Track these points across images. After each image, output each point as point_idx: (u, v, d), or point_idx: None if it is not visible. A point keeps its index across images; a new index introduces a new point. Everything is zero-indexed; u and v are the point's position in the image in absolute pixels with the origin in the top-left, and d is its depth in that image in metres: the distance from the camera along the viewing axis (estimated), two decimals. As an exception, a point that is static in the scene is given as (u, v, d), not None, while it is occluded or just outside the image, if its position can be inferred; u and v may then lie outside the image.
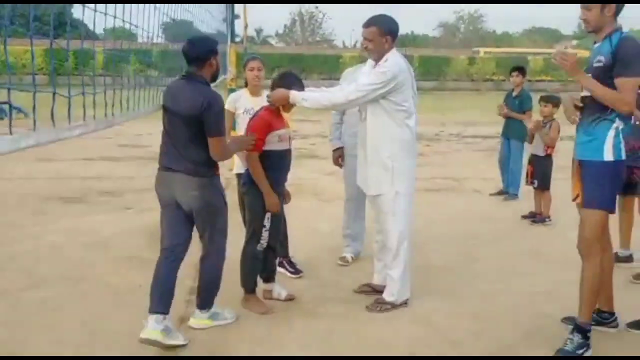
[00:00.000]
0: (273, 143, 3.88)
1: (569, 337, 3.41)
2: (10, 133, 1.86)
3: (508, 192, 7.60)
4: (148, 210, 6.73)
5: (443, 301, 4.18)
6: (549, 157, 6.43)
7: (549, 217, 6.40)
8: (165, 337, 3.34)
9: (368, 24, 3.93)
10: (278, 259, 4.40)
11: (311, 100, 3.89)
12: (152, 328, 3.34)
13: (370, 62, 4.11)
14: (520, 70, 7.62)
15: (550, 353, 3.41)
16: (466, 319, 3.88)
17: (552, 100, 6.44)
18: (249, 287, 4.00)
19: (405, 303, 4.07)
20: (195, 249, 3.72)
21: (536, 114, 7.29)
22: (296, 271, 4.56)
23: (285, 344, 3.49)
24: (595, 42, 3.45)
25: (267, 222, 3.91)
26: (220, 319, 3.70)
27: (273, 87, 4.00)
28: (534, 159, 6.49)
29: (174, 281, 3.55)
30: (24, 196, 7.38)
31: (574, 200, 3.58)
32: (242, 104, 4.46)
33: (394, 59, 3.89)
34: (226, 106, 4.27)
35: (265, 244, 3.95)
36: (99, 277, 4.54)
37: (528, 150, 6.87)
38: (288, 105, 3.96)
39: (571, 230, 5.88)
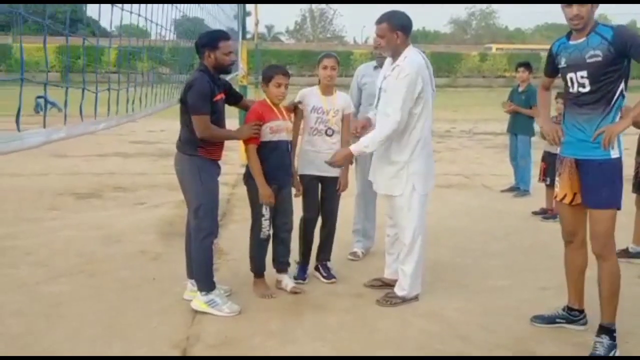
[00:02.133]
0: (265, 135, 4.04)
1: (598, 341, 3.32)
2: (44, 126, 1.95)
3: (519, 188, 7.60)
4: (160, 205, 6.82)
5: (453, 296, 4.21)
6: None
7: (558, 213, 6.38)
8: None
9: (379, 21, 3.95)
10: (316, 262, 4.53)
11: (371, 144, 3.94)
12: (190, 290, 3.99)
13: (388, 60, 4.11)
14: (527, 66, 7.61)
15: (560, 348, 3.43)
16: (476, 314, 3.91)
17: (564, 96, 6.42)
18: (256, 271, 4.22)
19: (416, 298, 4.10)
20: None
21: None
22: (329, 276, 4.46)
23: (296, 337, 3.54)
24: (569, 40, 3.37)
25: (265, 212, 4.07)
26: (217, 309, 3.78)
27: (262, 81, 4.19)
28: (547, 156, 6.45)
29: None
30: (39, 192, 7.48)
31: (561, 200, 3.50)
32: (311, 101, 4.32)
33: (411, 57, 3.89)
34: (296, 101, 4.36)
35: (267, 232, 4.12)
36: (113, 271, 4.61)
37: (536, 145, 6.85)
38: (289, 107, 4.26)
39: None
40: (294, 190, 4.35)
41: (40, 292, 4.20)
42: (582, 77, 3.31)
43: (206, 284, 3.83)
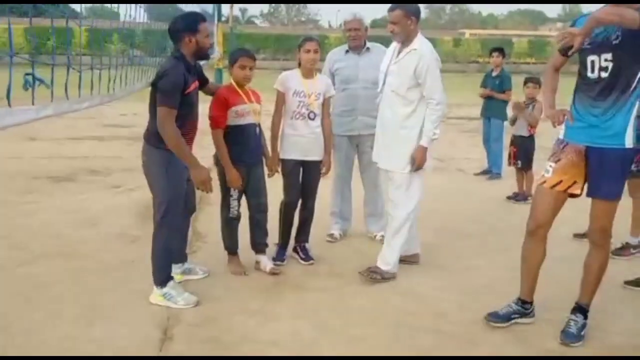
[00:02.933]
0: (231, 118, 4.09)
1: (572, 319, 3.40)
2: (33, 103, 1.96)
3: (491, 171, 7.76)
4: (136, 188, 6.79)
5: (429, 275, 4.32)
6: (531, 137, 6.57)
7: (531, 195, 6.54)
8: (185, 276, 4.01)
9: (393, 8, 4.11)
10: (294, 243, 4.59)
11: (433, 131, 4.12)
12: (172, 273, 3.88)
13: (394, 45, 4.29)
14: (500, 51, 7.77)
15: (530, 324, 3.56)
16: (451, 292, 4.02)
17: (538, 82, 6.56)
18: (228, 250, 4.33)
19: (393, 277, 4.20)
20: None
21: (518, 95, 7.43)
22: (307, 257, 4.53)
23: (276, 315, 3.61)
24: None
25: (233, 192, 4.19)
26: (172, 301, 3.66)
27: (229, 63, 4.18)
28: (517, 140, 6.62)
29: (181, 234, 4.04)
30: (12, 175, 7.38)
31: (553, 186, 3.37)
32: (292, 85, 4.35)
33: (426, 42, 4.16)
34: (276, 86, 4.37)
35: (235, 212, 4.24)
36: (92, 254, 4.61)
37: (509, 129, 6.99)
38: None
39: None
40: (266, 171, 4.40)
41: (18, 274, 4.19)
42: (605, 60, 3.14)
43: (161, 278, 3.71)
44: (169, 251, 3.74)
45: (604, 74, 3.17)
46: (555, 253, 4.85)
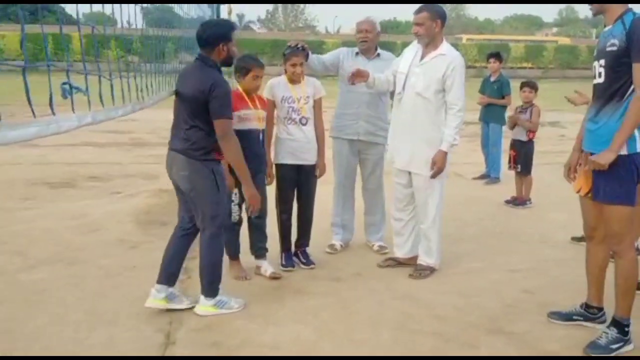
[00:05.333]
0: (234, 123, 4.04)
1: (605, 332, 3.31)
2: (73, 111, 1.97)
3: (490, 175, 7.80)
4: (136, 194, 6.83)
5: (429, 278, 4.35)
6: (530, 142, 6.58)
7: (529, 200, 6.58)
8: (168, 303, 3.66)
9: (419, 10, 4.21)
10: (294, 248, 4.61)
11: (454, 137, 4.22)
12: (153, 297, 3.67)
13: (414, 45, 4.37)
14: (497, 56, 7.83)
15: (530, 326, 3.59)
16: (451, 295, 4.05)
17: (534, 86, 6.61)
18: (230, 255, 4.33)
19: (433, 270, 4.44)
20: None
21: (516, 99, 7.48)
22: (308, 262, 4.55)
23: (278, 319, 3.63)
24: (605, 26, 3.26)
25: (234, 197, 4.22)
26: (226, 307, 3.68)
27: (236, 72, 4.20)
28: (516, 144, 6.64)
29: (180, 256, 3.78)
30: (10, 181, 7.40)
31: (577, 192, 3.46)
32: (279, 92, 4.38)
33: (451, 48, 4.28)
34: (264, 94, 4.39)
35: (236, 216, 4.27)
36: (93, 259, 4.63)
37: (507, 134, 7.03)
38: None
39: (551, 212, 6.16)
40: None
41: (19, 280, 4.21)
42: (600, 66, 3.21)
43: (215, 289, 3.69)
44: (222, 262, 3.75)
45: (598, 80, 3.25)
46: (553, 256, 4.92)
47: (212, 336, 3.40)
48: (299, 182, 4.51)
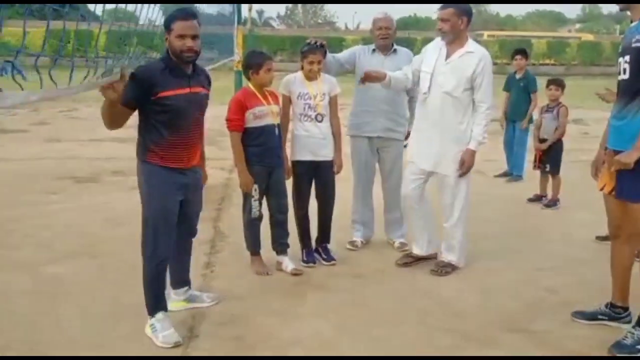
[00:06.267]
0: (249, 121, 4.16)
1: (630, 332, 3.26)
2: (22, 89, 1.96)
3: (512, 173, 7.73)
4: (159, 189, 6.89)
5: (448, 276, 4.34)
6: (559, 141, 6.46)
7: (558, 200, 6.49)
8: (189, 304, 3.71)
9: (445, 6, 4.18)
10: (314, 245, 4.64)
11: (483, 135, 4.25)
12: (174, 300, 3.68)
13: (437, 43, 4.35)
14: (523, 53, 7.72)
15: (552, 325, 3.57)
16: (471, 293, 4.04)
17: (560, 84, 6.49)
18: (251, 250, 4.39)
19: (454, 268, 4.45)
20: (201, 226, 3.81)
21: (541, 98, 7.41)
22: (329, 258, 4.57)
23: (298, 315, 3.66)
24: (631, 22, 3.22)
25: (254, 193, 4.23)
26: (154, 335, 3.30)
27: (246, 69, 4.23)
28: (544, 142, 6.52)
29: (180, 259, 3.68)
30: (35, 176, 7.52)
31: (601, 189, 3.45)
32: (296, 88, 4.40)
33: (475, 43, 4.24)
34: (280, 90, 4.43)
35: (257, 212, 4.28)
36: (117, 253, 4.70)
37: (533, 132, 6.94)
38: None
39: (574, 211, 6.10)
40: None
41: (45, 272, 4.29)
42: (625, 62, 3.17)
43: (150, 307, 3.37)
44: (157, 279, 3.37)
45: (623, 76, 3.22)
46: (577, 255, 4.88)
47: (233, 331, 3.44)
48: (316, 178, 4.52)
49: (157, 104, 3.17)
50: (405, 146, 4.84)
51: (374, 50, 4.86)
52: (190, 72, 3.27)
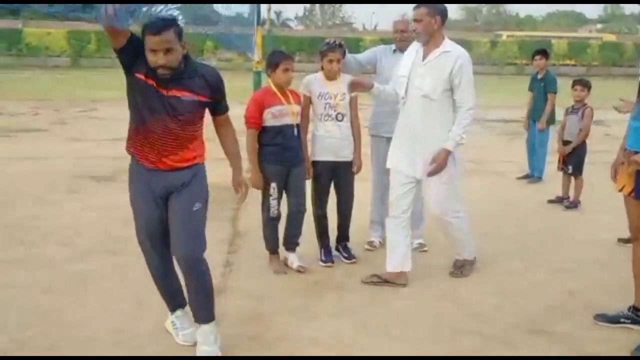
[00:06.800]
0: (267, 120, 4.18)
1: None
2: None
3: (533, 175, 7.66)
4: (178, 189, 6.94)
5: (468, 277, 4.32)
6: (583, 143, 6.37)
7: (579, 202, 6.39)
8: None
9: (418, 6, 4.04)
10: (335, 244, 4.66)
11: (463, 135, 4.05)
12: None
13: (414, 48, 4.17)
14: (543, 53, 7.63)
15: (572, 327, 3.54)
16: (491, 295, 4.02)
17: (586, 85, 6.39)
18: (269, 249, 4.41)
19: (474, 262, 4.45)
20: (219, 225, 3.82)
21: (564, 98, 7.33)
22: (350, 256, 4.59)
23: (317, 315, 3.66)
24: None
25: (273, 192, 4.25)
26: (175, 332, 3.31)
27: (267, 69, 4.25)
28: (567, 145, 6.42)
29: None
30: (56, 175, 7.60)
31: (620, 190, 3.44)
32: (316, 88, 4.41)
33: (452, 42, 4.06)
34: (301, 90, 4.45)
35: (275, 211, 4.28)
36: (137, 251, 4.66)
37: (554, 133, 6.87)
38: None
39: (596, 213, 6.03)
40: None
41: (67, 270, 4.34)
42: None
43: (166, 305, 3.37)
44: (159, 282, 3.33)
45: None
46: (598, 257, 4.83)
47: (252, 329, 3.45)
48: (336, 178, 4.53)
49: (132, 79, 2.91)
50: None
51: (395, 50, 4.84)
52: (172, 75, 2.85)
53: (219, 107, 3.15)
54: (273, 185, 4.24)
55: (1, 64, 28.49)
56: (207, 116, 3.15)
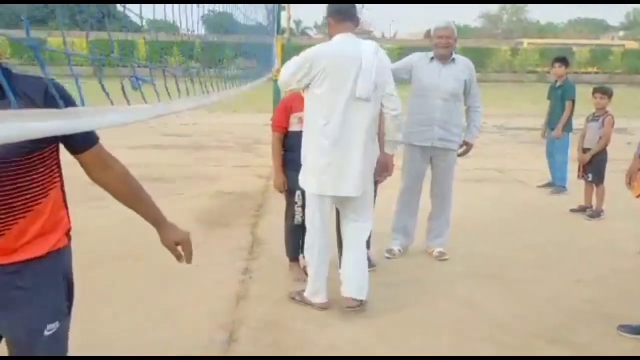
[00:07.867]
0: (294, 124, 4.21)
1: None
2: (145, 101, 1.74)
3: (555, 184, 7.56)
4: (198, 195, 7.00)
5: (488, 286, 4.28)
6: (603, 150, 6.32)
7: (602, 211, 6.32)
8: None
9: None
10: None
11: (399, 136, 4.07)
12: None
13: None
14: (563, 60, 7.55)
15: (594, 338, 3.49)
16: (510, 304, 3.98)
17: (606, 92, 6.33)
18: (291, 256, 4.42)
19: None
20: (239, 232, 3.84)
21: (584, 105, 7.26)
22: (369, 264, 4.42)
23: (336, 321, 3.66)
24: None
25: (298, 199, 4.23)
26: None
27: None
28: (587, 153, 6.38)
29: None
30: (75, 181, 7.65)
31: (637, 197, 3.47)
32: None
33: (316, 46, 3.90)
34: None
35: (300, 219, 4.23)
36: (156, 258, 4.72)
37: (574, 142, 6.81)
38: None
39: (618, 222, 5.95)
40: None
41: (86, 276, 4.33)
42: None
43: None
44: None
45: None
46: (620, 266, 4.76)
47: (271, 336, 3.46)
48: None
49: None
50: (458, 155, 4.86)
51: (432, 58, 4.79)
52: None
53: (76, 138, 1.80)
54: (298, 193, 4.22)
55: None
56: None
